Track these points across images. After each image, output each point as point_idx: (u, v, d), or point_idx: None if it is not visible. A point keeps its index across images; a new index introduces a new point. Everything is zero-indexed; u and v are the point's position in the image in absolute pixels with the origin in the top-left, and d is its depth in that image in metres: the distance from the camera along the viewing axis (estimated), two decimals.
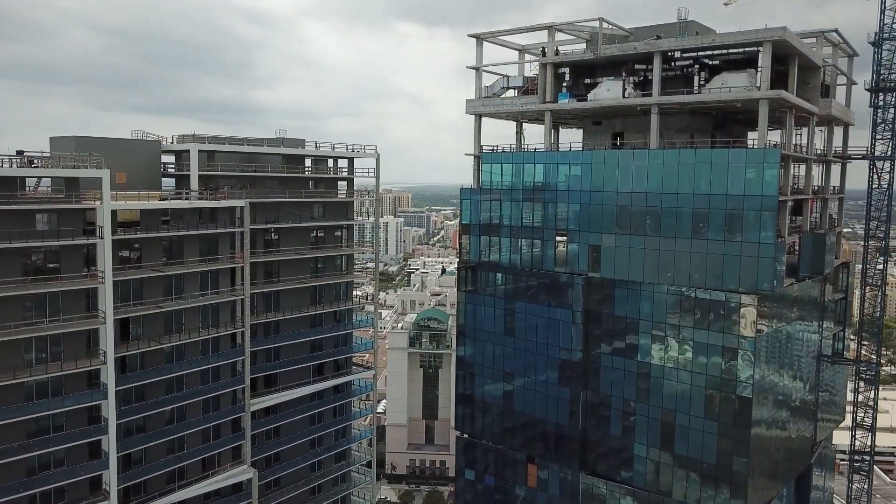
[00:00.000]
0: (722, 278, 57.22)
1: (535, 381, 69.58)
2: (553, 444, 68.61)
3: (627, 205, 61.93)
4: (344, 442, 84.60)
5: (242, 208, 67.44)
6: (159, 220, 62.79)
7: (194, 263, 64.79)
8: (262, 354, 74.59)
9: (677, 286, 59.52)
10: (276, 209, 74.49)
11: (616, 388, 64.03)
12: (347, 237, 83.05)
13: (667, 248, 59.99)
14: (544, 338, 68.34)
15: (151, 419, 62.77)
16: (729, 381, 56.97)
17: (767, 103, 56.03)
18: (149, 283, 61.37)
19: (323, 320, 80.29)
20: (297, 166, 76.78)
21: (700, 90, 60.12)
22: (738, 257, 56.42)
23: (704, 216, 57.92)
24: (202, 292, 65.64)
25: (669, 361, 60.38)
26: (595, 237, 64.19)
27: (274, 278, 74.96)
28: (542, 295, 68.33)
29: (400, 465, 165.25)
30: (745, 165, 55.82)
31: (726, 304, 56.90)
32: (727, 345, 56.94)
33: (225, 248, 67.67)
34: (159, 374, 62.21)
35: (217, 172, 68.83)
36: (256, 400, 72.68)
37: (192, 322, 65.29)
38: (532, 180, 68.39)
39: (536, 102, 68.10)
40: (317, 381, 79.64)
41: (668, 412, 60.67)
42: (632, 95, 63.04)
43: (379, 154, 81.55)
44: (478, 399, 75.16)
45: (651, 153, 60.77)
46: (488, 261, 72.38)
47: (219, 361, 67.47)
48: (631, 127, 69.24)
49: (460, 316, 76.15)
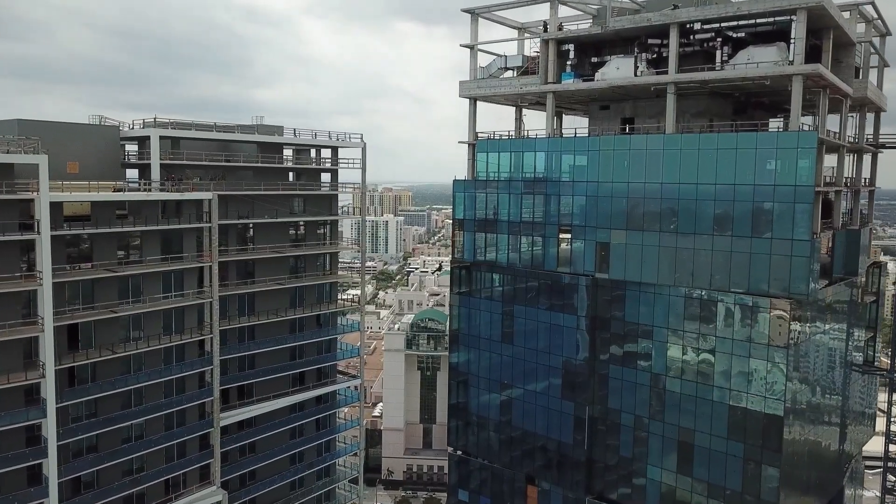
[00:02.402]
0: (749, 280, 50.22)
1: (535, 394, 62.63)
2: (555, 464, 61.63)
3: (640, 197, 54.98)
4: (328, 457, 77.72)
5: (210, 201, 60.57)
6: (113, 214, 55.97)
7: (155, 262, 57.97)
8: (236, 363, 67.81)
9: (697, 289, 52.56)
10: (251, 203, 67.69)
11: (626, 402, 57.07)
12: (331, 234, 76.21)
13: (685, 246, 53.00)
14: (545, 345, 61.41)
15: (105, 438, 55.89)
16: (757, 397, 49.98)
17: (802, 80, 49.04)
18: (101, 284, 54.50)
19: (304, 325, 73.53)
20: (273, 156, 69.79)
21: (723, 67, 53.06)
22: (767, 256, 49.42)
23: (728, 210, 50.92)
24: (164, 294, 58.79)
25: (688, 374, 53.41)
26: (603, 234, 57.23)
27: (248, 279, 68.15)
28: (543, 298, 61.41)
29: (397, 470, 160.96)
30: (776, 151, 48.83)
31: (754, 309, 49.93)
32: (755, 356, 49.95)
33: (191, 245, 60.81)
34: (113, 387, 55.29)
35: (182, 161, 61.91)
36: (228, 413, 65.83)
37: (153, 328, 58.44)
38: (532, 170, 61.43)
39: (537, 83, 61.09)
40: (297, 391, 72.79)
41: (687, 431, 53.68)
42: (645, 74, 56.09)
43: (365, 143, 74.67)
44: (472, 412, 68.25)
45: (667, 138, 53.77)
46: (484, 260, 65.44)
47: (184, 372, 60.59)
48: (642, 111, 62.26)
49: (453, 320, 69.24)
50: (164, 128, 61.19)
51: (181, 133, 62.20)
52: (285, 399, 71.29)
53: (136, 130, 61.74)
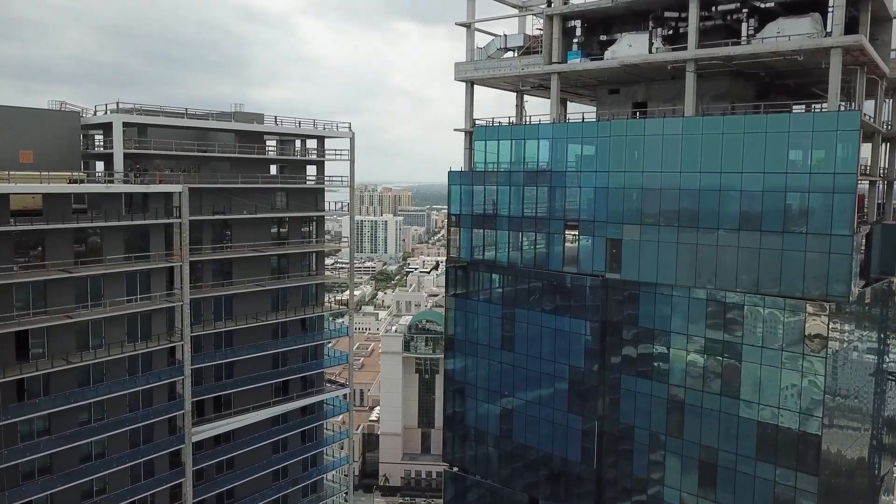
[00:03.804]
0: (780, 281, 44.47)
1: (538, 406, 56.89)
2: (562, 485, 55.84)
3: (656, 188, 49.26)
4: (315, 472, 71.98)
5: (180, 194, 54.89)
6: (69, 209, 50.36)
7: (117, 262, 52.30)
8: (212, 371, 62.19)
9: (720, 290, 46.85)
10: (228, 197, 62.06)
11: (641, 417, 51.34)
12: (318, 231, 70.52)
13: (706, 243, 47.29)
14: (550, 353, 55.67)
15: (60, 457, 50.16)
16: (790, 413, 44.24)
17: (841, 54, 43.31)
18: (55, 286, 48.85)
19: (288, 330, 67.83)
20: (253, 146, 64.04)
21: (749, 41, 47.34)
22: (801, 254, 43.66)
23: (756, 201, 45.17)
24: (128, 297, 53.15)
25: (710, 386, 47.68)
26: (614, 229, 51.52)
27: (226, 280, 62.48)
28: (547, 300, 55.70)
29: (394, 476, 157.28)
30: (812, 135, 43.07)
31: (787, 313, 44.20)
32: (787, 366, 44.20)
33: (159, 243, 55.14)
34: (69, 401, 49.62)
35: (150, 151, 56.22)
36: (202, 427, 60.17)
37: (116, 334, 52.81)
38: (535, 160, 55.72)
39: (541, 64, 55.34)
40: (280, 401, 67.07)
41: (709, 450, 47.93)
42: (661, 51, 50.37)
43: (354, 133, 69.01)
44: (469, 424, 62.47)
45: (687, 122, 48.04)
46: (482, 259, 59.70)
47: (150, 383, 54.90)
48: (656, 95, 56.52)
49: (449, 324, 63.47)
50: (129, 113, 55.49)
51: (148, 119, 56.57)
52: (267, 410, 65.62)
53: (98, 117, 56.04)
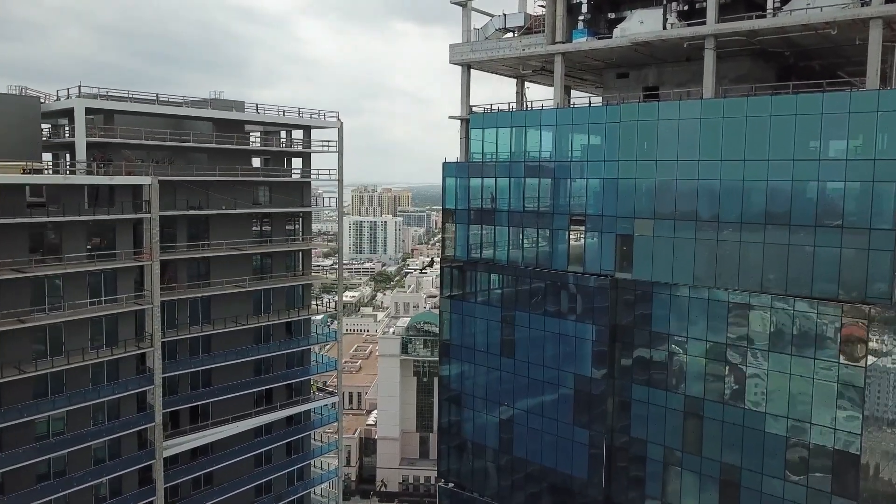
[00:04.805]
0: (812, 281, 39.76)
1: (540, 418, 52.18)
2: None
3: (671, 178, 44.57)
4: (301, 486, 67.15)
5: (149, 187, 50.18)
6: (23, 202, 45.68)
7: (79, 261, 47.61)
8: (187, 380, 57.48)
9: (743, 292, 42.12)
10: (206, 191, 57.35)
11: (654, 431, 46.60)
12: (304, 228, 65.78)
13: (728, 239, 42.61)
14: (553, 360, 50.99)
15: (13, 477, 45.41)
16: (825, 429, 39.48)
17: (881, 26, 38.59)
18: (7, 287, 44.12)
19: (271, 334, 63.13)
20: (232, 136, 59.28)
21: (776, 14, 42.64)
22: (836, 251, 38.97)
23: (785, 193, 40.48)
24: (92, 300, 48.44)
25: (732, 397, 42.94)
26: (625, 224, 46.82)
27: (202, 281, 57.79)
28: (550, 303, 50.99)
29: (392, 481, 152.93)
30: (849, 117, 38.33)
31: (819, 317, 39.46)
32: (821, 376, 39.46)
33: (126, 241, 50.42)
34: (21, 415, 44.87)
35: (117, 140, 51.47)
36: (176, 441, 55.41)
37: (77, 340, 48.05)
38: (538, 149, 51.08)
39: (543, 44, 50.67)
40: (263, 411, 62.25)
41: (731, 468, 43.19)
42: (676, 27, 45.67)
43: (342, 122, 64.29)
44: (466, 437, 57.77)
45: (706, 105, 43.31)
46: (479, 258, 55.01)
47: (117, 393, 50.15)
48: (669, 79, 51.86)
49: (444, 328, 58.82)
50: (93, 98, 50.76)
51: (115, 105, 51.79)
52: (249, 421, 60.78)
53: (59, 102, 51.33)
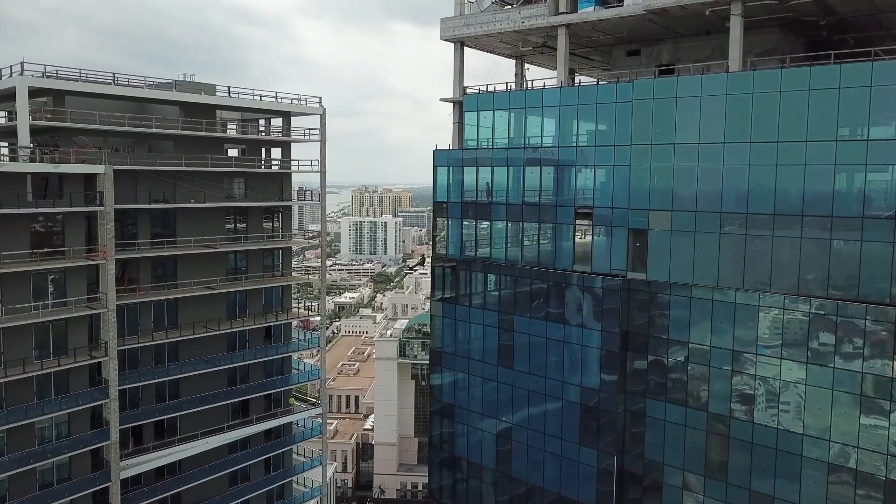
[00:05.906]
0: (858, 283, 34.23)
1: (542, 435, 46.63)
2: None
3: (692, 165, 39.05)
4: None
5: (103, 177, 44.67)
6: None
7: (18, 260, 42.09)
8: (151, 391, 51.96)
9: (776, 294, 36.55)
10: (172, 183, 51.83)
11: (672, 453, 41.03)
12: (284, 224, 60.26)
13: (759, 234, 37.05)
14: (556, 370, 45.48)
15: None
16: (874, 455, 33.90)
17: None
18: None
19: (248, 340, 57.59)
20: (201, 122, 53.72)
21: None
22: (887, 246, 33.41)
23: (825, 179, 34.98)
24: (35, 304, 42.92)
25: (763, 416, 37.35)
26: (638, 218, 41.27)
27: (168, 282, 52.28)
28: (553, 306, 45.45)
29: (389, 488, 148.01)
30: None
31: (867, 323, 33.89)
32: (870, 393, 33.90)
33: (78, 237, 44.94)
34: None
35: (67, 124, 45.96)
36: (137, 459, 49.85)
37: (18, 349, 42.55)
38: (540, 134, 45.55)
39: (545, 15, 45.13)
40: (237, 425, 56.69)
41: (762, 497, 37.60)
42: None
43: (325, 108, 58.67)
44: (459, 454, 52.26)
45: (733, 78, 37.73)
46: (474, 256, 49.46)
47: (65, 408, 44.64)
48: (686, 56, 46.37)
49: (435, 334, 53.28)
50: (39, 77, 45.23)
51: (66, 86, 46.25)
52: (221, 436, 55.18)
53: (1, 81, 45.81)
